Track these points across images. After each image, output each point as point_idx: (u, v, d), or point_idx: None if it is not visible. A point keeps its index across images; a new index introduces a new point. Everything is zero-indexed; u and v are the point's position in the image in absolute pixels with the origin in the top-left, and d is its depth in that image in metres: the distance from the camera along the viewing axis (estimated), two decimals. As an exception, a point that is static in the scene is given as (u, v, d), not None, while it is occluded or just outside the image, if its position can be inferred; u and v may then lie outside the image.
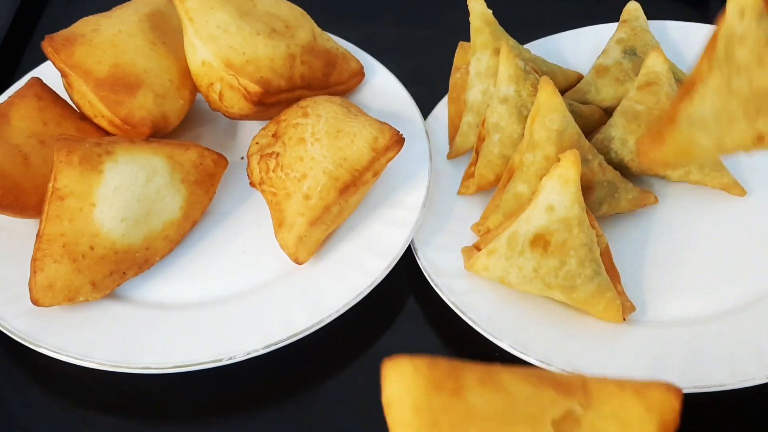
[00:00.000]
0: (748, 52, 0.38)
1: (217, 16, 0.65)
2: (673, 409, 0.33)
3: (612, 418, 0.34)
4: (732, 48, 0.39)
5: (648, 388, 0.34)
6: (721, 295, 0.61)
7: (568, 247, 0.56)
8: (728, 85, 0.39)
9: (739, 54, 0.39)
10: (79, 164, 0.60)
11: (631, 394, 0.34)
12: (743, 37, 0.38)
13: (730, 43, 0.39)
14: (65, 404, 0.60)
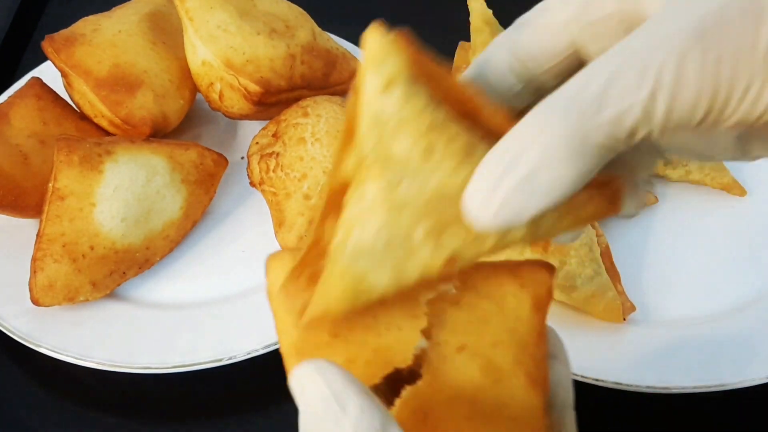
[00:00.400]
0: (411, 143, 0.26)
1: (217, 16, 0.65)
2: (545, 283, 0.32)
3: (487, 296, 0.32)
4: (385, 141, 0.26)
5: (521, 266, 0.31)
6: (721, 294, 0.61)
7: (568, 247, 0.56)
8: (393, 194, 0.26)
9: (398, 148, 0.26)
10: (80, 164, 0.60)
11: (506, 273, 0.31)
12: (400, 122, 0.26)
13: (381, 134, 0.26)
14: (65, 404, 0.60)
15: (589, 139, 0.24)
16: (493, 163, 0.25)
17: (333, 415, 0.27)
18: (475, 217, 0.26)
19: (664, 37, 0.23)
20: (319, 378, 0.28)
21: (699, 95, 0.23)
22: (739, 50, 0.23)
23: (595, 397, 0.56)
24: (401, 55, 0.26)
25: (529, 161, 0.24)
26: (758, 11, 0.23)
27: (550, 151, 0.24)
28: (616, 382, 0.54)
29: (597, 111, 0.23)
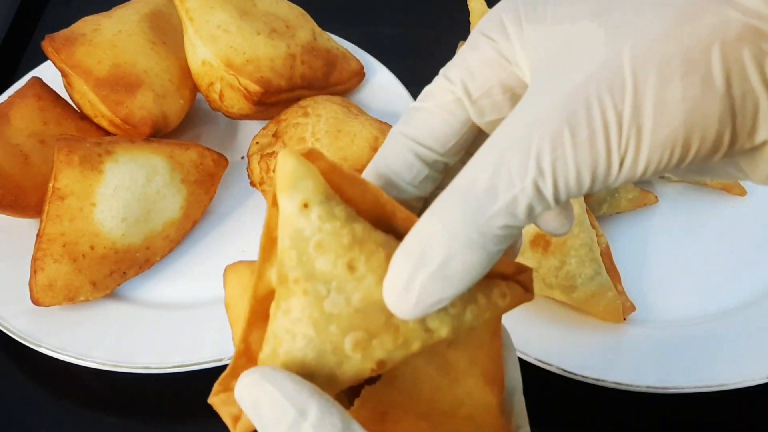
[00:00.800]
0: (334, 259, 0.27)
1: (217, 16, 0.65)
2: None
3: None
4: (307, 258, 0.28)
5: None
6: (721, 294, 0.61)
7: (569, 246, 0.56)
8: (320, 308, 0.28)
9: (321, 265, 0.28)
10: (80, 164, 0.60)
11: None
12: (320, 241, 0.27)
13: (301, 251, 0.28)
14: (65, 404, 0.60)
15: (490, 228, 0.25)
16: (405, 259, 0.26)
17: (291, 421, 0.27)
18: (397, 310, 0.27)
19: (536, 120, 0.24)
20: (269, 385, 0.27)
21: (579, 172, 0.24)
22: (606, 124, 0.24)
23: (595, 397, 0.56)
24: (315, 176, 0.28)
25: (438, 255, 0.25)
26: (620, 83, 0.24)
27: (456, 244, 0.25)
28: (616, 382, 0.54)
29: (490, 202, 0.25)
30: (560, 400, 0.57)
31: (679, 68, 0.24)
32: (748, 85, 0.24)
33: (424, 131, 0.30)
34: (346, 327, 0.28)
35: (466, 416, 0.32)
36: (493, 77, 0.29)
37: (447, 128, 0.30)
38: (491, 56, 0.29)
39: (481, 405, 0.32)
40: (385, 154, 0.31)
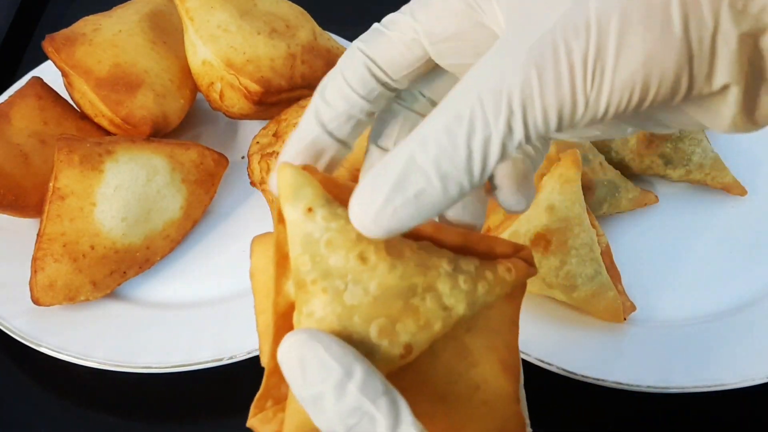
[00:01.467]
0: (345, 254, 0.29)
1: (217, 16, 0.65)
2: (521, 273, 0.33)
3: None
4: (320, 258, 0.29)
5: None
6: (722, 294, 0.61)
7: (569, 246, 0.56)
8: (341, 302, 0.29)
9: (334, 261, 0.29)
10: (80, 164, 0.60)
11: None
12: (330, 239, 0.29)
13: (314, 253, 0.29)
14: (65, 404, 0.60)
15: (467, 163, 0.26)
16: (382, 181, 0.27)
17: (338, 379, 0.27)
18: (365, 226, 0.28)
19: (508, 64, 0.26)
20: (318, 344, 0.28)
21: (546, 112, 0.26)
22: (572, 66, 0.26)
23: (596, 397, 0.56)
24: (313, 183, 0.29)
25: (416, 183, 0.27)
26: (585, 27, 0.25)
27: (434, 176, 0.26)
28: (616, 382, 0.54)
29: (468, 139, 0.26)
30: (561, 400, 0.57)
31: (640, 13, 0.25)
32: (705, 30, 0.25)
33: (382, 56, 0.31)
34: (369, 316, 0.29)
35: (481, 401, 0.33)
36: (458, 24, 0.30)
37: (403, 60, 0.31)
38: (459, 4, 0.30)
39: (496, 391, 0.33)
40: (340, 65, 0.32)
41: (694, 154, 0.65)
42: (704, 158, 0.65)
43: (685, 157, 0.65)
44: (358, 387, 0.27)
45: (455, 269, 0.30)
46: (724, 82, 0.26)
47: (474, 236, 0.32)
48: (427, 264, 0.30)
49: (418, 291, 0.29)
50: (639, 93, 0.26)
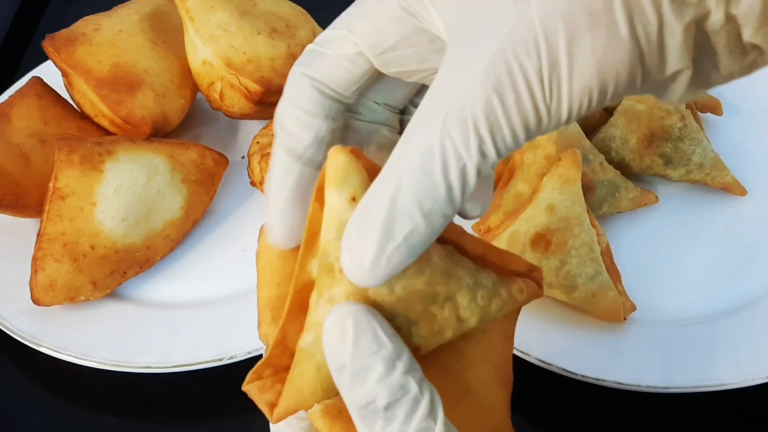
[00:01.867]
0: None
1: (217, 16, 0.65)
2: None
3: None
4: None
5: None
6: (722, 294, 0.61)
7: (569, 246, 0.56)
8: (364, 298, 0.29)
9: None
10: (80, 163, 0.60)
11: None
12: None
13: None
14: (65, 404, 0.60)
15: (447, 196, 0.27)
16: (370, 231, 0.27)
17: (389, 356, 0.28)
18: (363, 280, 0.28)
19: (466, 91, 0.26)
20: (374, 320, 0.28)
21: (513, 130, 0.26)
22: (529, 85, 0.26)
23: (596, 397, 0.56)
24: (361, 172, 0.29)
25: (403, 227, 0.27)
26: (534, 43, 0.26)
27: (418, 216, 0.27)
28: (616, 382, 0.54)
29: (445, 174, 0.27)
30: (561, 401, 0.57)
31: (586, 21, 0.25)
32: (650, 27, 0.25)
33: (325, 75, 0.31)
34: (388, 315, 0.29)
35: (472, 405, 0.33)
36: (398, 32, 0.30)
37: (350, 76, 0.31)
38: (396, 11, 0.30)
39: (489, 398, 0.33)
40: (291, 95, 0.31)
41: (694, 154, 0.65)
42: (704, 158, 0.65)
43: (685, 157, 0.65)
44: (407, 367, 0.28)
45: (476, 283, 0.31)
46: (676, 70, 0.27)
47: (494, 249, 0.32)
48: (452, 274, 0.30)
49: (439, 299, 0.30)
50: (597, 94, 0.26)
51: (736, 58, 0.27)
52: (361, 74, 0.31)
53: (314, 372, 0.30)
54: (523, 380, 0.37)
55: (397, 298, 0.29)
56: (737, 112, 0.72)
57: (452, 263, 0.30)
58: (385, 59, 0.30)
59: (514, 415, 0.57)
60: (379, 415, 0.28)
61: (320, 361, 0.30)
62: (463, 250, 0.31)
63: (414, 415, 0.28)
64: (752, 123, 0.72)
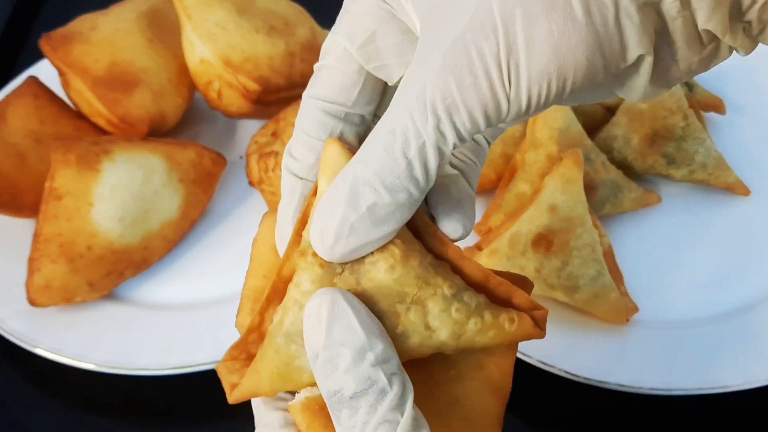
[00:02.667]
0: None
1: (215, 14, 0.65)
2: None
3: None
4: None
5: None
6: (725, 295, 0.60)
7: (571, 247, 0.56)
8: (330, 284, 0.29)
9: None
10: (77, 163, 0.60)
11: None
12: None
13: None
14: (62, 406, 0.59)
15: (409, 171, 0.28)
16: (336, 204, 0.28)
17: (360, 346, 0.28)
18: (326, 251, 0.29)
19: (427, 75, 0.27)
20: (349, 307, 0.28)
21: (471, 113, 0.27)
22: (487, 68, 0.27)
23: (599, 399, 0.56)
24: None
25: (367, 199, 0.28)
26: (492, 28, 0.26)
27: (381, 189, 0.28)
28: (619, 384, 0.54)
29: (406, 150, 0.28)
30: (563, 403, 0.57)
31: (542, 5, 0.26)
32: (607, 11, 0.26)
33: (327, 88, 0.32)
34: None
35: (461, 417, 0.32)
36: (374, 25, 0.31)
37: (345, 80, 0.32)
38: (370, 5, 0.31)
39: (480, 410, 0.33)
40: (299, 120, 0.32)
41: (697, 153, 0.64)
42: (707, 158, 0.64)
43: (688, 157, 0.64)
44: (377, 359, 0.28)
45: (454, 296, 0.30)
46: (638, 54, 0.27)
47: (495, 279, 0.31)
48: (429, 281, 0.29)
49: (407, 300, 0.29)
50: (557, 82, 0.27)
51: (694, 49, 0.27)
52: (356, 76, 0.32)
53: (273, 354, 0.30)
54: (525, 382, 0.37)
55: (363, 290, 0.29)
56: (740, 111, 0.71)
57: (434, 272, 0.30)
58: (365, 53, 0.31)
59: (516, 417, 0.57)
60: (345, 404, 0.28)
61: (279, 344, 0.30)
62: (461, 272, 0.31)
63: (379, 406, 0.28)
64: (756, 122, 0.71)
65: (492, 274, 0.31)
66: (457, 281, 0.30)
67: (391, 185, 0.28)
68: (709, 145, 0.65)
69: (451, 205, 0.32)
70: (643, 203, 0.64)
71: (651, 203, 0.65)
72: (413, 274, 0.29)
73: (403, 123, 0.28)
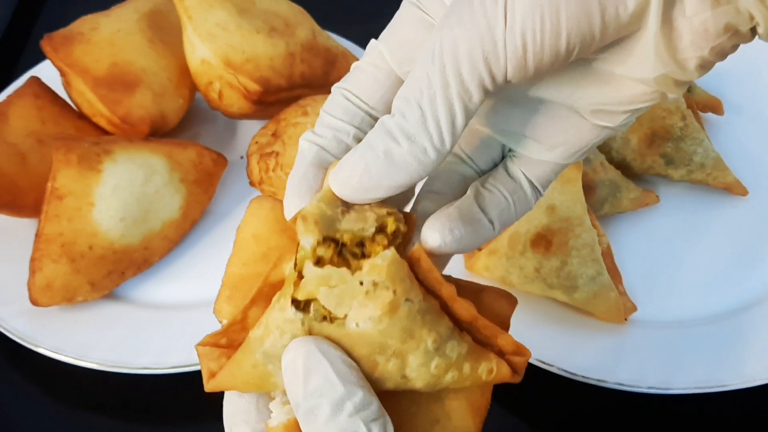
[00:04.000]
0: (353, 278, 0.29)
1: (216, 14, 0.65)
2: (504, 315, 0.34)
3: None
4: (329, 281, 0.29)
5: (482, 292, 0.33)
6: (723, 295, 0.60)
7: (570, 247, 0.56)
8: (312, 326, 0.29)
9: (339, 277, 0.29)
10: (78, 163, 0.60)
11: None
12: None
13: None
14: (63, 405, 0.59)
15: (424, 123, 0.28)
16: (356, 147, 0.30)
17: (339, 398, 0.28)
18: (339, 182, 0.30)
19: (438, 26, 0.29)
20: (324, 359, 0.29)
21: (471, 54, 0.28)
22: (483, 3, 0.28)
23: (597, 398, 0.56)
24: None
25: (384, 144, 0.29)
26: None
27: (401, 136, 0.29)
28: (617, 383, 0.54)
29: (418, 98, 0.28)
30: (561, 402, 0.57)
31: None
32: None
33: (354, 84, 0.34)
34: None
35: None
36: (410, 33, 0.33)
37: (372, 80, 0.33)
38: (413, 17, 0.33)
39: (459, 429, 0.33)
40: (325, 105, 0.34)
41: (695, 153, 0.64)
42: (706, 158, 0.65)
43: (687, 157, 0.64)
44: (356, 408, 0.28)
45: (437, 350, 0.30)
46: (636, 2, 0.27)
47: (482, 321, 0.32)
48: (414, 334, 0.30)
49: (387, 352, 0.30)
50: (549, 17, 0.27)
51: (706, 2, 0.27)
52: (382, 78, 0.33)
53: (250, 368, 0.31)
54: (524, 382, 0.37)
55: (345, 335, 0.29)
56: (738, 111, 0.71)
57: (421, 322, 0.30)
58: (398, 58, 0.33)
59: (515, 416, 0.57)
60: None
61: (257, 360, 0.30)
62: (451, 312, 0.31)
63: None
64: (753, 122, 0.71)
65: (479, 317, 0.31)
66: (443, 328, 0.30)
67: (408, 133, 0.28)
68: (708, 146, 0.65)
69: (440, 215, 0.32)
70: (641, 203, 0.65)
71: (649, 203, 0.65)
72: (399, 327, 0.29)
73: (418, 73, 0.28)
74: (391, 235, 0.29)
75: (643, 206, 0.65)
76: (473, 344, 0.31)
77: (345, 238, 0.29)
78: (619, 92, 0.30)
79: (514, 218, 0.34)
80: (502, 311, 0.34)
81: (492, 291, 0.34)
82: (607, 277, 0.57)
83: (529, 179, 0.33)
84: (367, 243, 0.29)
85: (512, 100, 0.33)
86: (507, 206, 0.33)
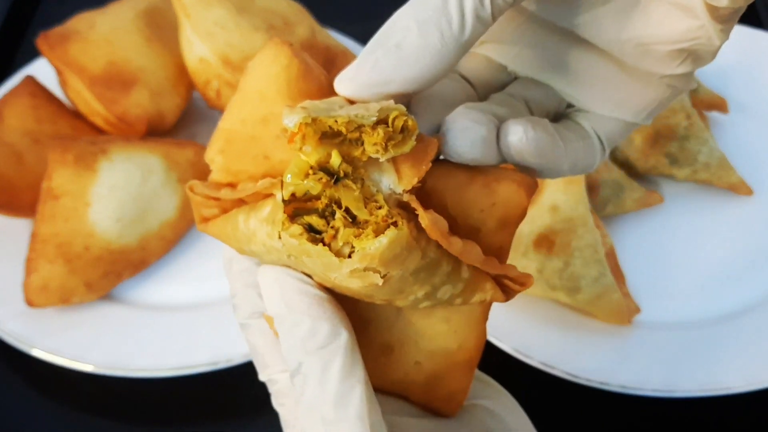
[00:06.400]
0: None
1: (214, 12, 0.64)
2: (520, 204, 0.31)
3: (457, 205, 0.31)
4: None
5: (498, 180, 0.30)
6: (728, 296, 0.60)
7: (573, 248, 0.56)
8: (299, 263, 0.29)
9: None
10: (74, 163, 0.59)
11: (480, 187, 0.30)
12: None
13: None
14: (59, 408, 0.59)
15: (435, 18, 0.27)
16: (367, 46, 0.28)
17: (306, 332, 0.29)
18: (345, 80, 0.28)
19: None
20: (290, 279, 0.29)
21: None
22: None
23: (600, 401, 0.56)
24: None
25: (395, 35, 0.27)
26: None
27: (412, 27, 0.27)
28: (621, 386, 0.54)
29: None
30: (564, 405, 0.57)
31: None
32: None
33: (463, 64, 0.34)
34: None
35: (427, 352, 0.33)
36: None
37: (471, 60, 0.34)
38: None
39: (442, 350, 0.33)
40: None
41: (700, 153, 0.64)
42: (710, 158, 0.64)
43: (691, 157, 0.64)
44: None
45: (427, 297, 0.29)
46: None
47: (491, 264, 0.30)
48: (404, 291, 0.29)
49: (374, 299, 0.30)
50: None
51: None
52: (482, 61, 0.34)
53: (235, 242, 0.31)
54: (527, 384, 0.36)
55: (334, 285, 0.29)
56: (743, 110, 0.71)
57: (412, 282, 0.28)
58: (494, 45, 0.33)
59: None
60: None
61: (244, 250, 0.31)
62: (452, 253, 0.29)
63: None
64: (759, 122, 0.71)
65: (489, 264, 0.30)
66: (438, 278, 0.29)
67: (424, 19, 0.27)
68: (712, 145, 0.64)
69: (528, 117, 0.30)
70: (645, 203, 0.64)
71: (653, 203, 0.65)
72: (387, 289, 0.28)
73: None
74: (393, 132, 0.26)
75: (647, 206, 0.65)
76: (472, 276, 0.30)
77: (339, 123, 0.26)
78: (662, 26, 0.29)
79: (582, 161, 0.32)
80: (521, 202, 0.31)
81: (508, 180, 0.31)
82: (610, 278, 0.57)
83: (597, 133, 0.33)
84: (366, 133, 0.26)
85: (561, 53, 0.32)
86: (578, 145, 0.32)
